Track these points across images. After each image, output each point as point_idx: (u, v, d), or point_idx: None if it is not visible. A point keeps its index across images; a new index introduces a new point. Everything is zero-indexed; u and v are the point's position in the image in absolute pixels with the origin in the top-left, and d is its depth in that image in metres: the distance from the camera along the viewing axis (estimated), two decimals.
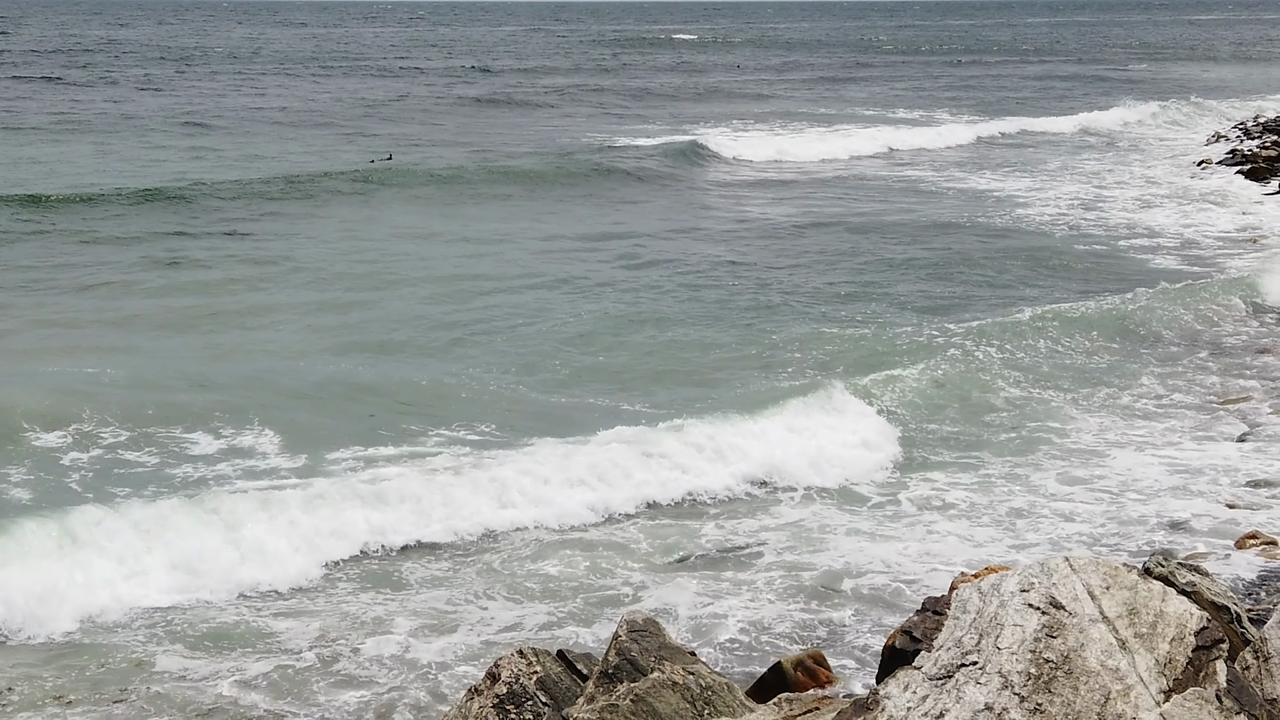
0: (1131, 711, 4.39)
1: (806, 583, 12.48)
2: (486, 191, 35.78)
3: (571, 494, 14.28)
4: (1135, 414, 17.75)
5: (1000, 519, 14.22)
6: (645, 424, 16.08)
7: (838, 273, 26.11)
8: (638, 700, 6.98)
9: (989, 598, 4.75)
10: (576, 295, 23.64)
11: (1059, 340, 20.89)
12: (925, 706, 4.45)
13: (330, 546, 12.88)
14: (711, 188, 39.03)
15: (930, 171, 42.62)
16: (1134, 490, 15.04)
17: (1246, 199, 35.89)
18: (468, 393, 17.73)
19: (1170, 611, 4.73)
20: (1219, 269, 26.71)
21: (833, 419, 16.36)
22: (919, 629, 6.28)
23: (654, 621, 7.66)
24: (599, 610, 11.82)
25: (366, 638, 11.19)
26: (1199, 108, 61.58)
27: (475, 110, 59.03)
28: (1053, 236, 30.35)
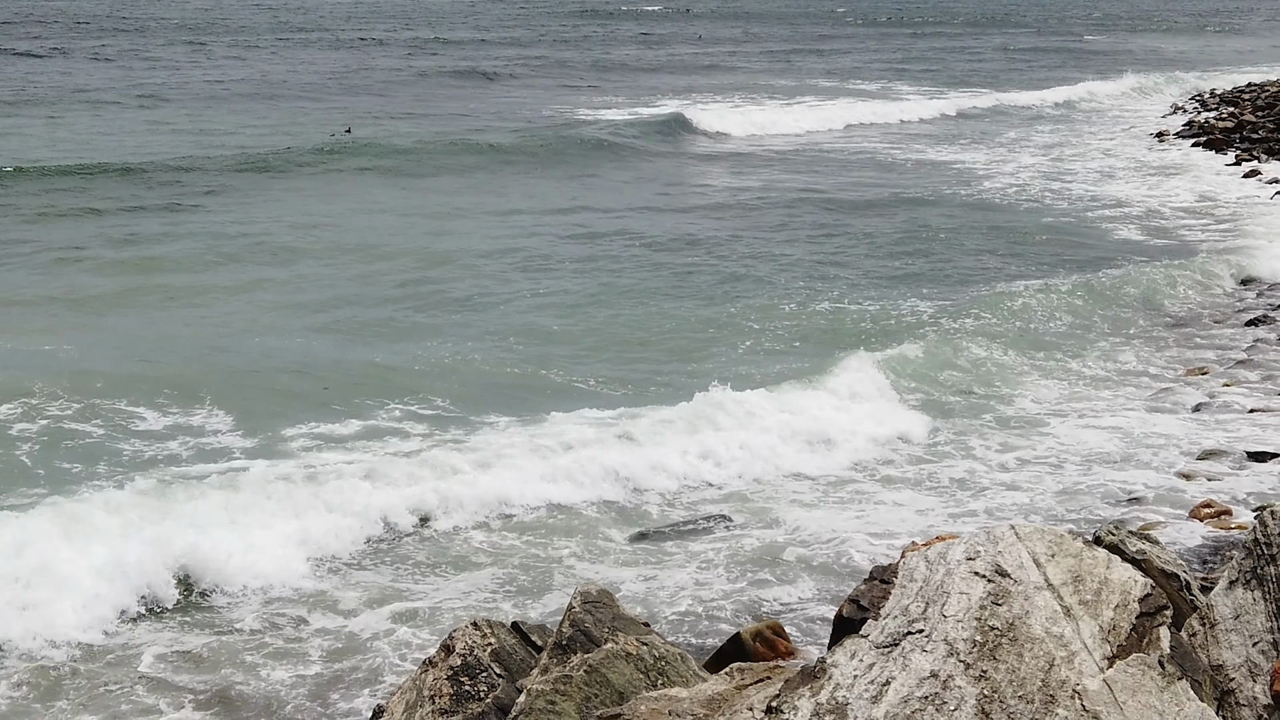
0: (1075, 678, 4.42)
1: (758, 554, 12.52)
2: (448, 165, 35.41)
3: (530, 469, 14.24)
4: (1093, 384, 17.86)
5: (948, 488, 14.33)
6: (607, 404, 16.10)
7: (806, 248, 26.03)
8: (591, 671, 7.00)
9: (935, 566, 4.78)
10: (536, 270, 23.50)
11: (1026, 313, 21.01)
12: (872, 674, 4.47)
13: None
14: (680, 161, 38.87)
15: (902, 145, 42.64)
16: (1089, 460, 15.15)
17: (1204, 170, 36.12)
18: (423, 367, 17.64)
19: (1114, 579, 4.76)
20: (1181, 241, 26.89)
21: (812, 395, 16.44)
22: (866, 598, 6.33)
23: (607, 593, 7.67)
24: (554, 583, 11.85)
25: (311, 611, 11.22)
26: (1171, 80, 61.78)
27: (435, 82, 58.54)
28: (1020, 210, 30.40)
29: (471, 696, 7.36)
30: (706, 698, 6.25)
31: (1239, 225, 28.08)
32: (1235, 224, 28.37)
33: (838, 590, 11.55)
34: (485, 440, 14.85)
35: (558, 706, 6.84)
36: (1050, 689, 4.43)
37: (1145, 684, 4.48)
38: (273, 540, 12.05)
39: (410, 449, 14.70)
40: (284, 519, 12.41)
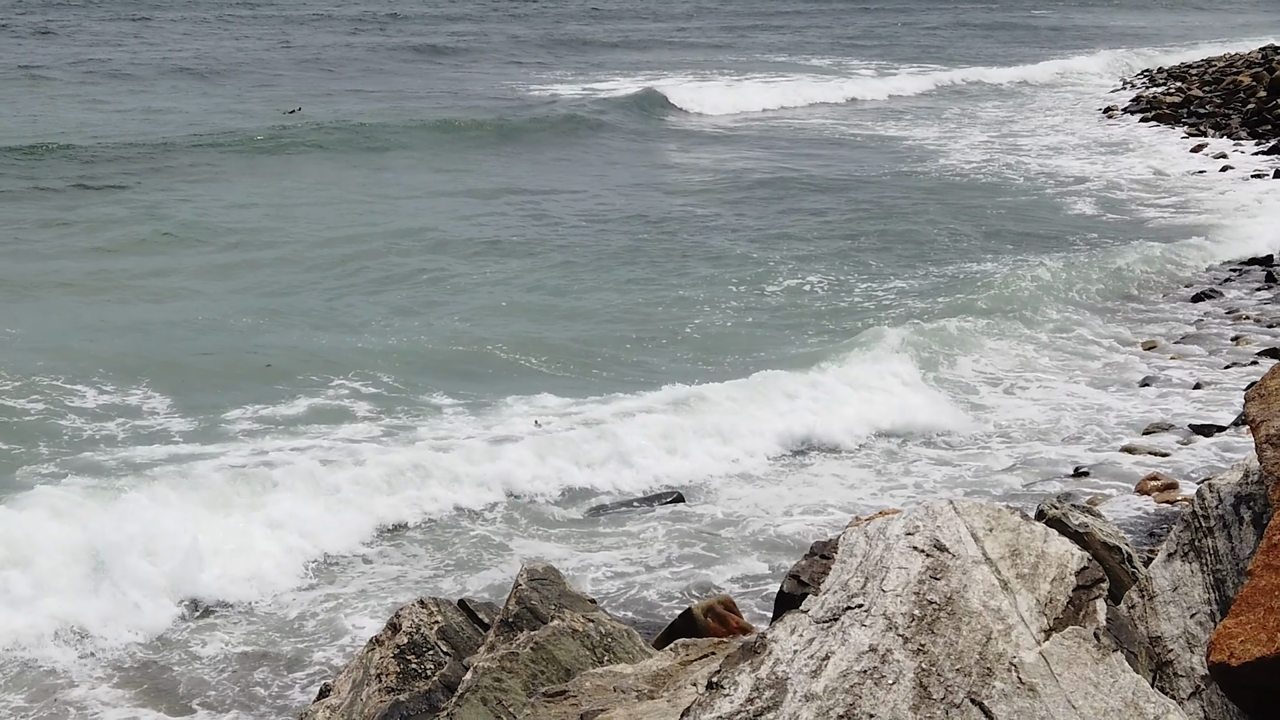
0: (1012, 650, 4.46)
1: (702, 531, 12.59)
2: (400, 144, 34.97)
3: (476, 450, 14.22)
4: (1041, 359, 17.96)
5: (895, 465, 14.43)
6: (558, 389, 16.09)
7: (761, 225, 25.98)
8: (538, 648, 7.01)
9: (875, 541, 4.81)
10: (488, 251, 23.31)
11: (980, 287, 21.15)
12: (811, 649, 4.49)
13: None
14: (635, 138, 38.53)
15: (859, 123, 42.54)
16: (1036, 434, 15.27)
17: (1153, 145, 36.38)
18: (371, 348, 17.50)
19: (1052, 552, 4.80)
20: (1134, 217, 27.06)
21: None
22: (807, 573, 6.37)
23: (554, 570, 7.69)
24: (501, 561, 11.87)
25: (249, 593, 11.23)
26: (1120, 56, 62.00)
27: (386, 58, 57.98)
28: (977, 188, 30.45)
29: (418, 674, 7.35)
30: (652, 674, 6.28)
31: (1191, 200, 28.30)
32: (1187, 198, 28.59)
33: (776, 564, 11.63)
34: (433, 425, 14.82)
35: (504, 684, 6.84)
36: (987, 661, 4.47)
37: (1081, 656, 4.53)
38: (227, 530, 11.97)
39: (357, 432, 14.58)
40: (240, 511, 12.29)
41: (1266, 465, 5.70)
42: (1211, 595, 5.99)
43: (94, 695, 9.62)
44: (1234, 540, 6.01)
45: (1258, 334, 18.90)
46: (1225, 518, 6.09)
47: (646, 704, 5.89)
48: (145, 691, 9.70)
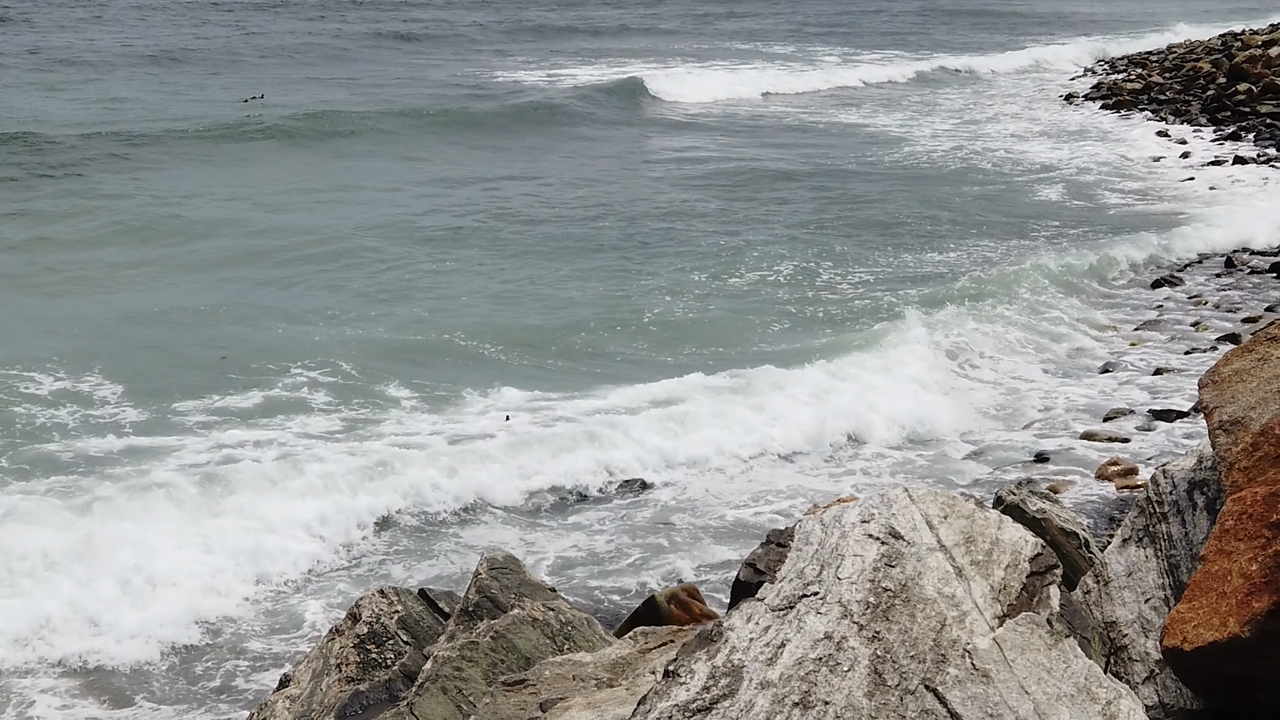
0: (966, 637, 4.49)
1: (667, 520, 12.61)
2: (366, 134, 34.46)
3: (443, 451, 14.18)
4: (1000, 344, 18.01)
5: (858, 448, 14.47)
6: (521, 383, 16.02)
7: (723, 213, 25.96)
8: (498, 637, 7.02)
9: (831, 529, 4.83)
10: (446, 242, 23.07)
11: (944, 273, 21.22)
12: (767, 637, 4.51)
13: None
14: (597, 126, 38.25)
15: (825, 111, 42.49)
16: (997, 420, 15.33)
17: (1114, 132, 36.54)
18: (328, 338, 17.42)
19: (1006, 539, 4.83)
20: (1099, 204, 27.14)
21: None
22: (763, 561, 6.40)
23: (514, 559, 7.69)
24: (464, 551, 11.87)
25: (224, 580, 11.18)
26: (1081, 44, 62.09)
27: (350, 45, 57.41)
28: (944, 176, 30.47)
29: (378, 664, 7.35)
30: (611, 662, 6.29)
31: (1153, 187, 28.43)
32: (1148, 184, 28.72)
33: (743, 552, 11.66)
34: (396, 419, 14.74)
35: (464, 673, 6.85)
36: (942, 648, 4.49)
37: (1034, 642, 4.56)
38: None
39: (316, 427, 14.46)
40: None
41: (1219, 451, 5.75)
42: (1166, 580, 6.04)
43: (36, 685, 9.60)
44: (1188, 525, 6.06)
45: (1217, 320, 19.03)
46: (1179, 503, 6.14)
47: (605, 692, 5.90)
48: (88, 685, 9.67)
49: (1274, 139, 32.19)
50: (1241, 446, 5.66)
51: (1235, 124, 34.69)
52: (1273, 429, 5.61)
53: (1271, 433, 5.60)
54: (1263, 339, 6.02)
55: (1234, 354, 6.08)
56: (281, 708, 7.34)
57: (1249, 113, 35.48)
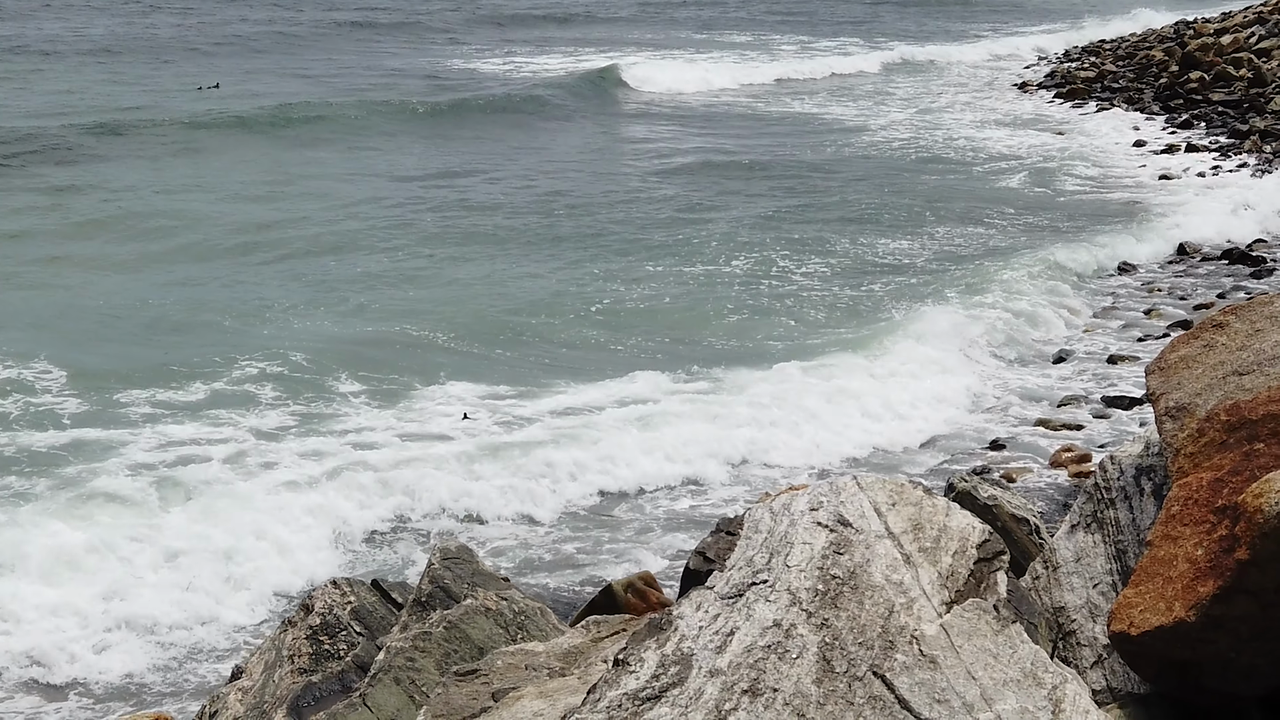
0: (914, 623, 4.51)
1: (626, 510, 12.64)
2: (322, 124, 33.98)
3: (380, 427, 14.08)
4: (961, 332, 18.03)
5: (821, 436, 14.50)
6: (477, 378, 15.94)
7: (688, 208, 25.83)
8: (451, 627, 7.01)
9: (780, 517, 4.84)
10: (400, 235, 22.85)
11: (900, 262, 21.27)
12: (717, 625, 4.52)
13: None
14: (556, 118, 37.93)
15: (781, 100, 42.45)
16: (952, 407, 15.40)
17: (1068, 120, 36.73)
18: (281, 333, 17.26)
19: (953, 526, 4.86)
20: (1058, 190, 27.23)
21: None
22: (713, 550, 6.41)
23: (467, 549, 7.68)
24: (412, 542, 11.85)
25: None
26: (1033, 32, 62.17)
27: (311, 35, 56.90)
28: (905, 164, 30.51)
29: (331, 655, 7.33)
30: (563, 651, 6.30)
31: (1109, 175, 28.57)
32: (1104, 172, 28.86)
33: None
34: (349, 417, 14.62)
35: (417, 663, 6.84)
36: (890, 635, 4.52)
37: (981, 628, 4.59)
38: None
39: (268, 423, 14.31)
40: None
41: (1165, 438, 5.80)
42: (1113, 565, 6.09)
43: None
44: (1135, 511, 6.11)
45: (1170, 307, 19.17)
46: (1127, 489, 6.19)
47: (558, 681, 5.90)
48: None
49: (1226, 126, 32.43)
50: (1187, 433, 5.71)
51: (1188, 112, 34.94)
52: (1218, 415, 5.66)
53: (1217, 419, 5.66)
54: (1208, 326, 6.08)
55: (1180, 341, 6.14)
56: (234, 700, 7.31)
57: (1201, 100, 35.73)
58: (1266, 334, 5.80)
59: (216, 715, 7.32)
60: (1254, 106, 33.57)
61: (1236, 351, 5.85)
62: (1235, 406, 5.61)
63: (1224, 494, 5.38)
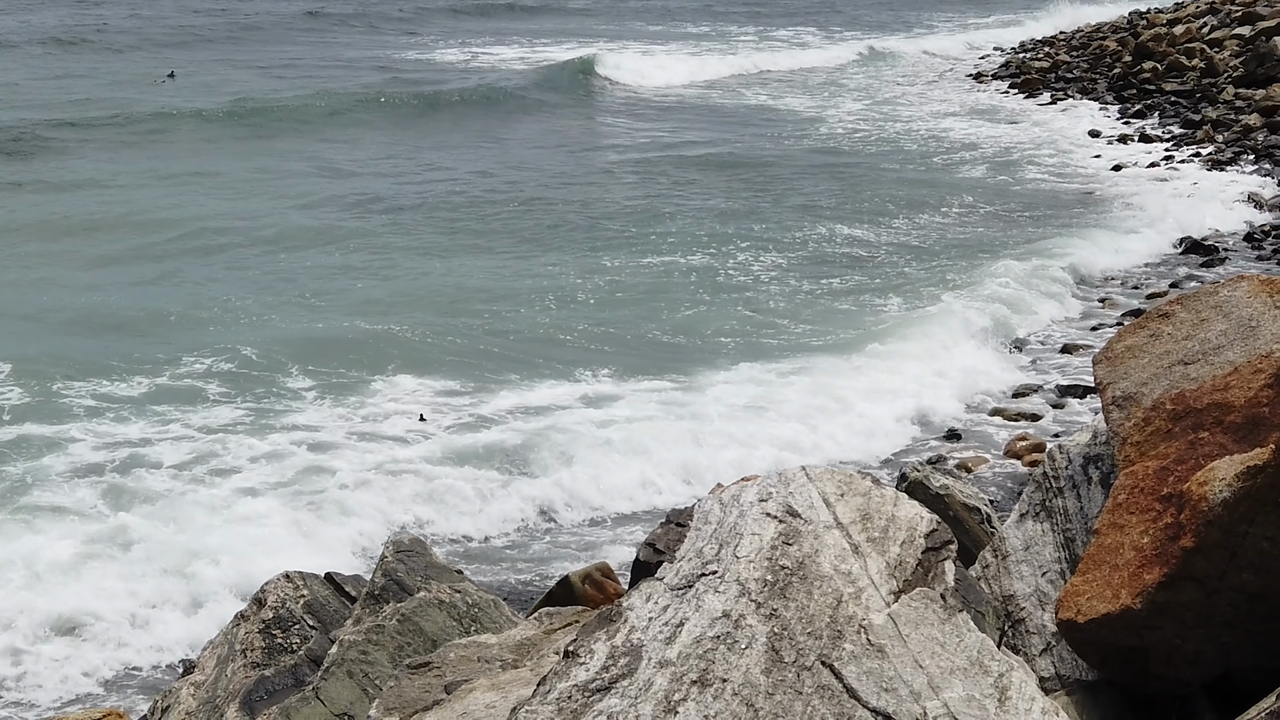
0: (862, 613, 4.54)
1: (573, 499, 12.65)
2: (280, 117, 33.63)
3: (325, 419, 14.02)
4: (910, 323, 18.12)
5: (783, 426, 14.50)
6: (431, 375, 15.86)
7: (642, 202, 25.80)
8: (404, 620, 7.00)
9: (729, 508, 4.86)
10: (354, 229, 22.69)
11: (854, 254, 21.33)
12: (666, 616, 4.54)
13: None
14: (510, 112, 37.61)
15: (749, 92, 42.37)
16: (908, 396, 15.44)
17: (1024, 110, 36.91)
18: (217, 326, 17.18)
19: (902, 516, 4.89)
20: (1017, 179, 27.35)
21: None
22: (662, 541, 6.43)
23: (420, 542, 7.67)
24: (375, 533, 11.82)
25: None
26: (988, 23, 62.26)
27: (259, 23, 56.42)
28: (867, 156, 30.56)
29: (284, 649, 7.31)
30: (515, 643, 6.30)
31: (1067, 165, 28.73)
32: (1059, 161, 29.02)
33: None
34: (299, 413, 14.54)
35: (370, 656, 6.83)
36: (838, 624, 4.54)
37: (928, 617, 4.62)
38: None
39: (216, 420, 14.19)
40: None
41: (1113, 426, 5.85)
42: (1062, 554, 6.13)
43: None
44: (1083, 500, 6.16)
45: (1123, 297, 19.33)
46: (1074, 478, 6.24)
47: (510, 674, 5.91)
48: None
49: (1178, 116, 32.67)
50: (1134, 422, 5.76)
51: (1141, 102, 35.17)
52: (1164, 404, 5.71)
53: (1163, 408, 5.71)
54: (1155, 315, 6.13)
55: (1127, 331, 6.19)
56: (186, 694, 7.28)
57: (1154, 91, 35.98)
58: (1211, 324, 5.85)
59: (169, 710, 7.29)
60: (1206, 96, 33.83)
61: (1182, 341, 5.90)
62: (1180, 396, 5.66)
63: (1169, 482, 5.43)
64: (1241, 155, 27.47)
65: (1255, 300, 5.78)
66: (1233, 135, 29.17)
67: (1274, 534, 5.13)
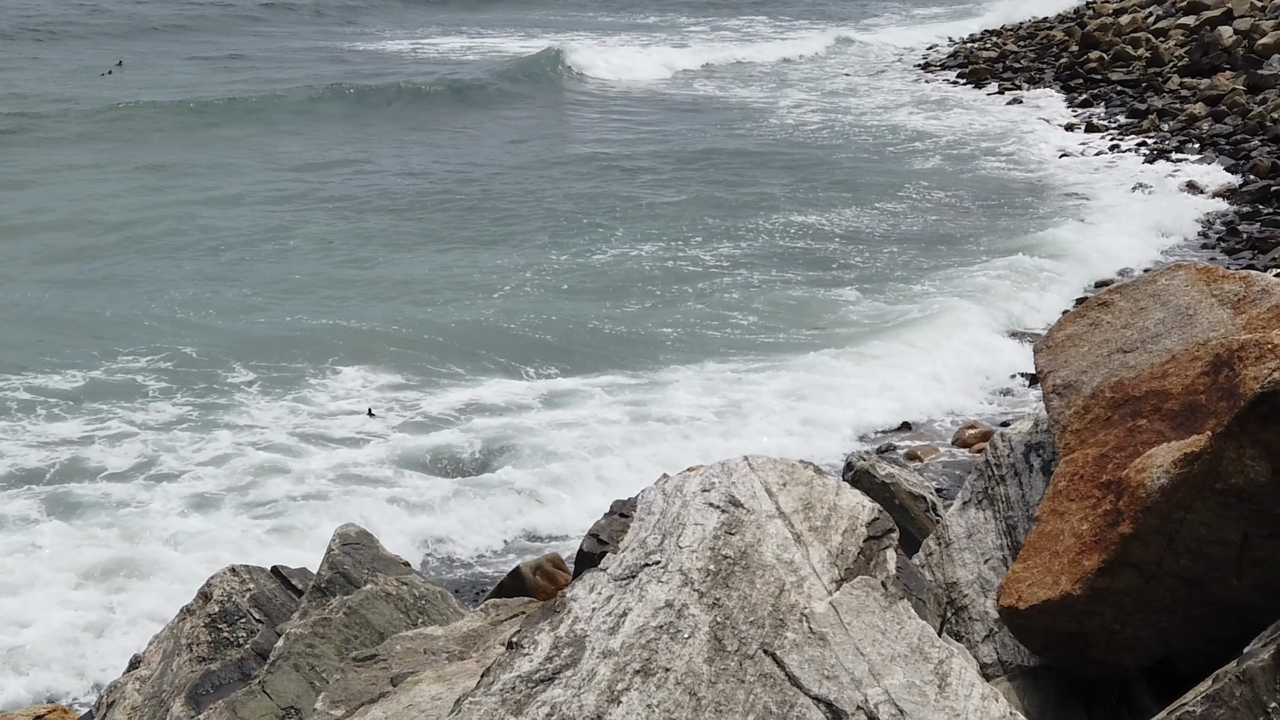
0: (804, 601, 4.57)
1: (532, 490, 12.63)
2: (231, 111, 33.03)
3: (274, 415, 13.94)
4: (859, 314, 18.16)
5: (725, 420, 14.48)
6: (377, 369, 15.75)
7: (590, 197, 25.75)
8: (351, 612, 6.98)
9: (672, 498, 4.88)
10: (297, 225, 22.31)
11: (809, 248, 21.39)
12: (609, 606, 4.56)
13: None
14: (455, 105, 37.38)
15: (706, 86, 42.32)
16: (859, 387, 15.47)
17: (973, 100, 37.09)
18: (154, 321, 16.98)
19: (843, 505, 4.92)
20: (972, 169, 27.43)
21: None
22: (606, 531, 6.45)
23: (367, 534, 7.65)
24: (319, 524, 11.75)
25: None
26: (937, 14, 62.40)
27: (208, 14, 55.78)
28: (820, 148, 30.60)
29: (230, 643, 7.28)
30: (462, 635, 6.30)
31: (1019, 155, 28.86)
32: (1012, 152, 29.14)
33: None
34: (240, 409, 14.40)
35: (316, 649, 6.82)
36: (780, 613, 4.57)
37: (869, 604, 4.66)
38: None
39: (157, 418, 14.03)
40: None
41: (1053, 414, 5.91)
42: (1004, 541, 6.20)
43: None
44: (1025, 487, 6.22)
45: (1067, 288, 19.43)
46: (1016, 466, 6.30)
47: (456, 665, 5.91)
48: None
49: (1124, 106, 32.90)
50: (1074, 410, 5.82)
51: (1087, 91, 35.40)
52: (1103, 392, 5.77)
53: (1102, 396, 5.77)
54: (1094, 304, 6.19)
55: (1067, 319, 6.25)
56: (131, 689, 7.24)
57: (1100, 80, 36.23)
58: (1150, 312, 5.91)
59: (114, 705, 7.25)
60: (1152, 86, 34.09)
61: (1121, 329, 5.96)
62: (1119, 384, 5.73)
63: (1109, 469, 5.49)
64: (1187, 144, 27.71)
65: (1192, 289, 5.85)
66: (1178, 124, 29.41)
67: (1211, 520, 5.21)
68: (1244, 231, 21.09)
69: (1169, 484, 5.19)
